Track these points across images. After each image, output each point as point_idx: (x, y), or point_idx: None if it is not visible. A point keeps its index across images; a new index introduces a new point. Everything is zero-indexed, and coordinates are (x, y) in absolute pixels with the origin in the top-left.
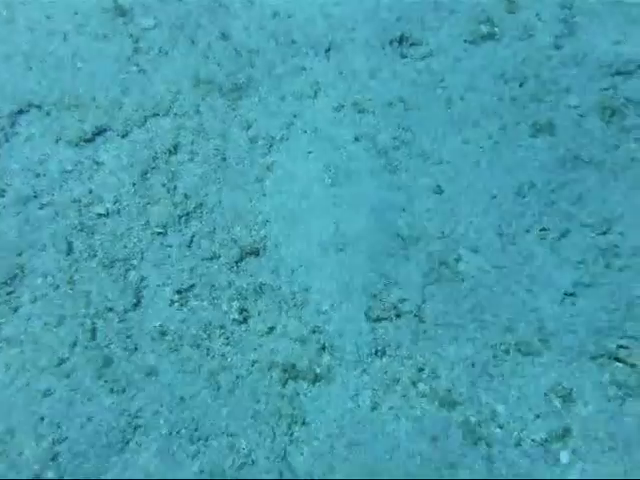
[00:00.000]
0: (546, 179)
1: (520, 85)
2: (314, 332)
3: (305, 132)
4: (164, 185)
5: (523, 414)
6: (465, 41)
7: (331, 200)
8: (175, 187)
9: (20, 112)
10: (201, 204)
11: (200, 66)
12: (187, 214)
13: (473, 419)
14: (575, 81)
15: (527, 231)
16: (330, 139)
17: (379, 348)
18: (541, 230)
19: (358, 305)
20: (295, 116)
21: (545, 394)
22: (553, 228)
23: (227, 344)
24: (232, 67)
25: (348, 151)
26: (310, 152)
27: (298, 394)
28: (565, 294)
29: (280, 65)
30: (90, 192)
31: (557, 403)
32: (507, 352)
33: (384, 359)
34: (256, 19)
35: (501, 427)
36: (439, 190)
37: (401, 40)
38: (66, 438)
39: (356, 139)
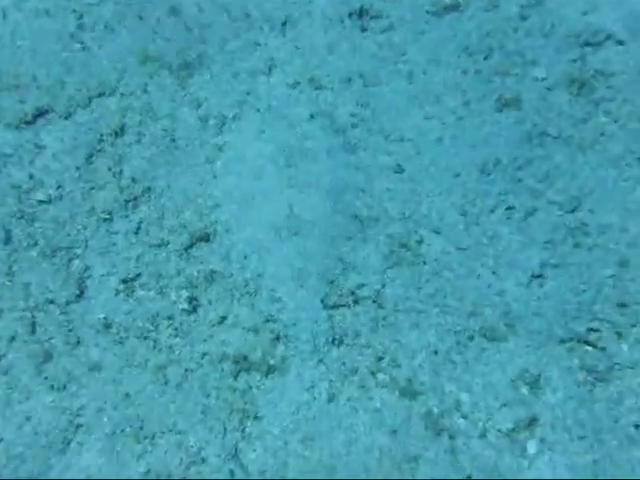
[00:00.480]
0: (512, 155)
1: (485, 58)
2: (267, 321)
3: (258, 111)
4: (110, 169)
5: (488, 403)
6: (427, 12)
7: (285, 181)
8: (121, 171)
9: None
10: (149, 188)
11: (148, 42)
12: (134, 199)
13: (436, 409)
14: (542, 53)
15: (492, 210)
16: (285, 117)
17: (336, 337)
18: (507, 209)
19: (314, 292)
20: (248, 94)
21: (511, 381)
22: (519, 207)
23: (175, 336)
24: (182, 43)
25: (303, 130)
26: (263, 131)
27: (250, 387)
28: (532, 276)
29: (233, 41)
30: (31, 177)
31: (524, 390)
32: (471, 338)
33: (341, 348)
34: None
35: (465, 417)
36: (399, 169)
37: (361, 13)
38: (1, 440)
39: (312, 117)
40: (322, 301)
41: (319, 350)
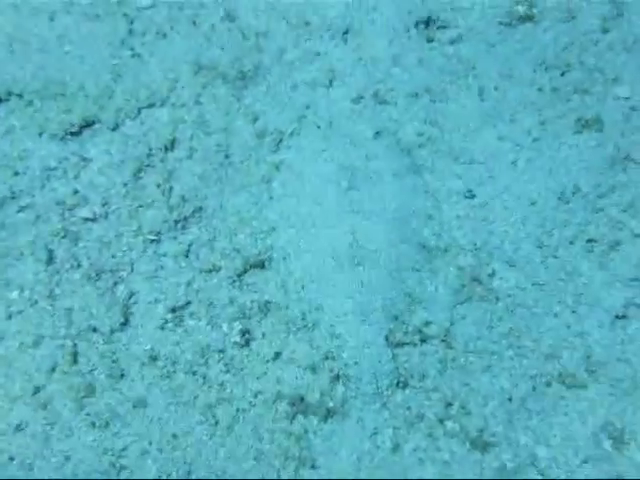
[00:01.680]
0: (593, 182)
1: (562, 74)
2: (326, 359)
3: (319, 127)
4: (159, 186)
5: (568, 458)
6: (500, 23)
7: (347, 206)
8: (171, 188)
9: None
10: (200, 208)
11: (202, 51)
12: (184, 219)
13: (510, 464)
14: (625, 69)
15: (571, 242)
16: (347, 135)
17: (401, 379)
18: (587, 241)
19: (377, 328)
20: (308, 108)
21: (593, 434)
22: (601, 239)
23: (227, 371)
24: (238, 52)
25: (367, 149)
26: (324, 150)
27: (307, 432)
28: (615, 317)
29: (291, 50)
30: (75, 193)
31: (607, 445)
32: (549, 384)
33: (407, 391)
34: None
35: (542, 474)
36: (470, 194)
37: (428, 22)
38: None
39: (376, 135)
40: (386, 338)
41: (382, 393)
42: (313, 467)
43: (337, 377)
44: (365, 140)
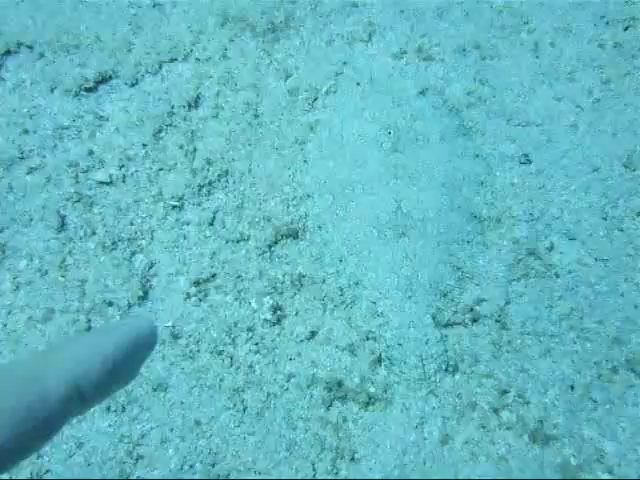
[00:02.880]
0: None
1: (625, 28)
2: (367, 339)
3: (358, 84)
4: (181, 147)
5: None
6: None
7: (390, 170)
8: (195, 150)
9: (7, 53)
10: (226, 172)
11: (229, 0)
12: (209, 184)
13: (573, 461)
14: None
15: (639, 214)
16: (388, 93)
17: (450, 362)
18: None
19: (424, 306)
20: (345, 64)
21: None
22: None
23: (256, 352)
24: (268, 2)
25: (412, 108)
26: (363, 109)
27: (346, 420)
28: None
29: (327, 1)
30: (90, 154)
31: None
32: (615, 371)
33: (457, 377)
34: None
35: (611, 472)
36: (526, 160)
37: None
38: (48, 471)
39: (421, 93)
40: (434, 318)
41: (429, 378)
42: (352, 460)
43: (379, 360)
44: (409, 98)
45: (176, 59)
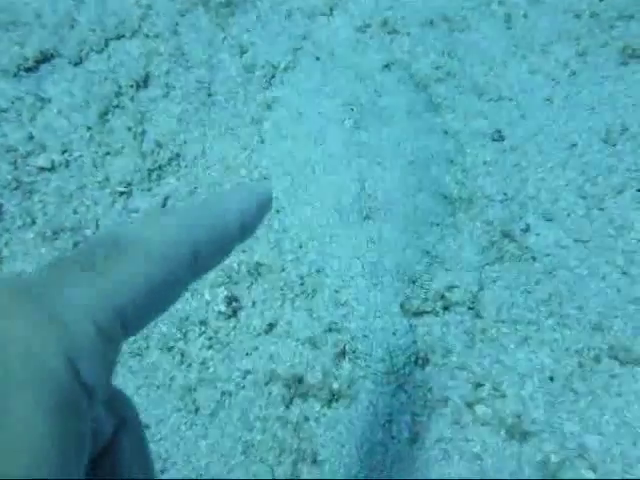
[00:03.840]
0: None
1: None
2: (330, 331)
3: (318, 59)
4: (129, 129)
5: (625, 451)
6: None
7: (353, 149)
8: (144, 132)
9: None
10: (178, 155)
11: None
12: (159, 168)
13: (554, 457)
14: None
15: (620, 192)
16: (351, 68)
17: (420, 355)
18: (639, 190)
19: (391, 294)
20: (305, 38)
21: None
22: None
23: (209, 347)
24: None
25: (376, 83)
26: (324, 85)
27: (307, 419)
28: None
29: None
30: (30, 138)
31: None
32: (598, 360)
33: (427, 370)
34: None
35: (594, 470)
36: (499, 136)
37: None
38: None
39: (386, 67)
40: (402, 306)
41: (398, 372)
42: (314, 462)
43: (343, 353)
44: (373, 73)
45: (123, 36)
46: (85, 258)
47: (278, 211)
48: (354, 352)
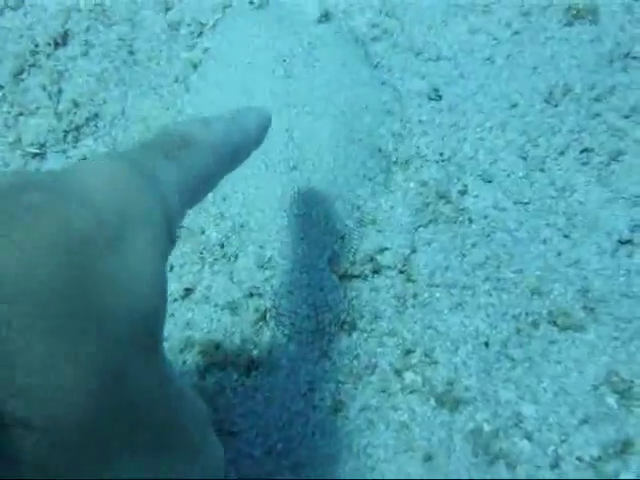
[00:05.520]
0: (587, 82)
1: None
2: (251, 295)
3: (251, 2)
4: (45, 89)
5: (562, 418)
6: None
7: (283, 97)
8: (60, 91)
9: None
10: (96, 115)
11: None
12: (76, 129)
13: (487, 426)
14: None
15: (562, 153)
16: (285, 21)
17: (347, 319)
18: (582, 152)
19: (318, 248)
20: None
21: (594, 388)
22: (599, 149)
23: None
24: None
25: (311, 35)
26: (256, 36)
27: (224, 389)
28: (619, 242)
29: None
30: None
31: (612, 401)
32: (536, 326)
33: (354, 336)
34: None
35: (530, 439)
36: (436, 95)
37: None
38: None
39: (321, 21)
40: (329, 261)
41: (322, 337)
42: (230, 434)
43: (263, 318)
44: (308, 25)
45: None
46: (166, 147)
47: None
48: (276, 318)
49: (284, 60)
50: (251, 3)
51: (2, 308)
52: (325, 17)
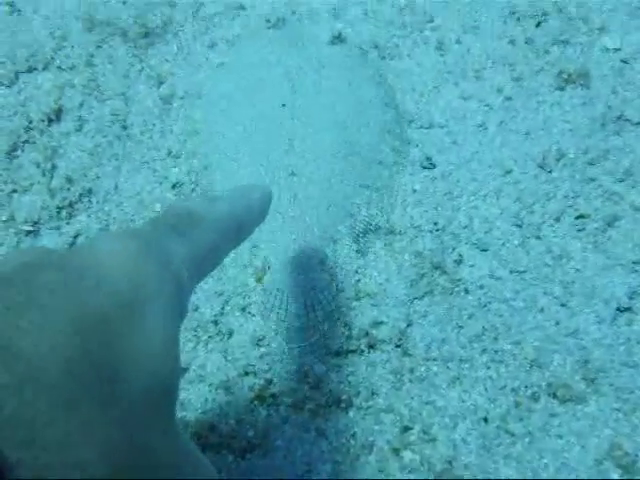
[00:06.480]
0: (580, 146)
1: (537, 24)
2: (246, 374)
3: (264, 33)
4: (39, 165)
5: None
6: None
7: (288, 110)
8: (54, 167)
9: None
10: (90, 191)
11: (98, 3)
12: (69, 205)
13: None
14: (613, 16)
15: (557, 219)
16: (298, 40)
17: (342, 397)
18: (577, 218)
19: (311, 251)
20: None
21: (597, 462)
22: (594, 214)
23: None
24: (143, 5)
25: (321, 54)
26: (270, 53)
27: (220, 471)
28: (617, 309)
29: (210, 3)
30: None
31: (616, 476)
32: (536, 399)
33: (351, 413)
34: None
35: None
36: (430, 164)
37: None
38: None
39: (333, 44)
40: (321, 263)
41: (318, 414)
42: None
43: (258, 397)
44: (320, 46)
45: (35, 68)
46: (175, 224)
47: (206, 168)
48: (273, 396)
49: (292, 76)
50: (267, 22)
51: (21, 388)
52: (338, 39)
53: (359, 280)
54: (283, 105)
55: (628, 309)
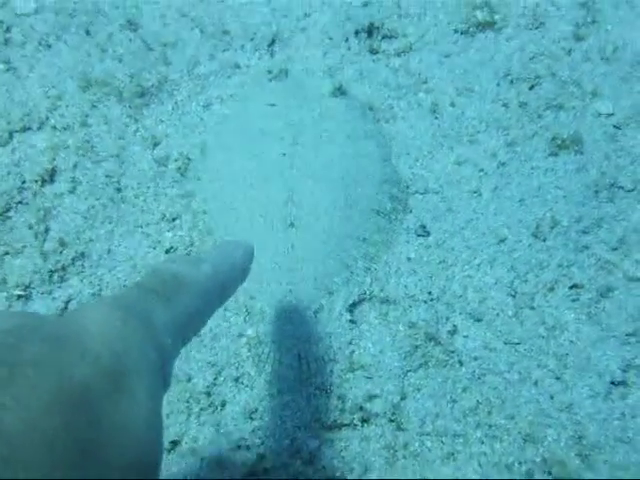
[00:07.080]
0: (574, 214)
1: (531, 87)
2: (238, 447)
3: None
4: (31, 227)
5: None
6: (455, 31)
7: (288, 161)
8: (47, 230)
9: None
10: (82, 254)
11: (94, 63)
12: (62, 268)
13: None
14: (605, 81)
15: (551, 289)
16: (299, 92)
17: (336, 473)
18: (571, 288)
19: (305, 302)
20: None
21: None
22: (588, 284)
23: None
24: (138, 65)
25: (322, 107)
26: (271, 104)
27: None
28: (612, 383)
29: (206, 62)
30: None
31: None
32: (530, 474)
33: None
34: (176, 2)
35: None
36: (424, 232)
37: (370, 31)
38: None
39: (334, 96)
40: (315, 314)
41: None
42: None
43: (251, 472)
44: (321, 98)
45: (30, 128)
46: (158, 288)
47: (205, 212)
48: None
49: (293, 128)
50: (269, 73)
51: (2, 467)
52: (339, 91)
53: (353, 351)
54: (284, 154)
55: (622, 382)
